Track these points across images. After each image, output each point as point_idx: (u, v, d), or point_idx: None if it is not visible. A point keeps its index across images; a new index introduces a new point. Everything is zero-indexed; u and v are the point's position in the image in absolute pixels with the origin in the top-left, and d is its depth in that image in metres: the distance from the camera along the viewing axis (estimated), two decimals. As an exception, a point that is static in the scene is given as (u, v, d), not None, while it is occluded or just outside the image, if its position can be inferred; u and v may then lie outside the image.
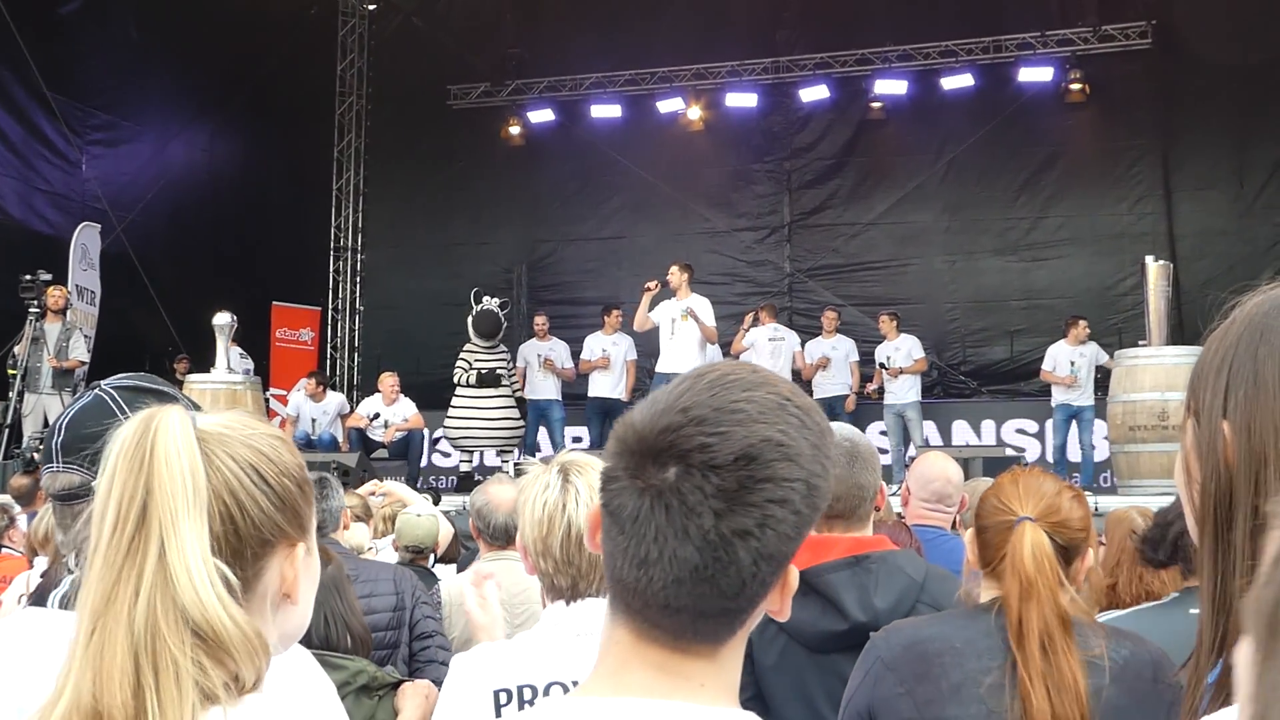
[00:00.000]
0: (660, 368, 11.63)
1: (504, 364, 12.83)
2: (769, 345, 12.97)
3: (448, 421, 12.78)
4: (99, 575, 1.15)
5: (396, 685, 2.82)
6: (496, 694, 2.24)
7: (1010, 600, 2.14)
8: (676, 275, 11.52)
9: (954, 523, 4.15)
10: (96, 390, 1.77)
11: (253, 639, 1.17)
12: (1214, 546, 1.05)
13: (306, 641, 2.69)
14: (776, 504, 1.02)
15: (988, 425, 14.00)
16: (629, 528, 1.04)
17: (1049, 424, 12.66)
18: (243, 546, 1.22)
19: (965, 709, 2.11)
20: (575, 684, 2.16)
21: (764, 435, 1.02)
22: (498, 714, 2.23)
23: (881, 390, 13.04)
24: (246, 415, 1.33)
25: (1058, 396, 12.23)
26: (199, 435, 1.21)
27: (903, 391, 12.86)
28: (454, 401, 12.74)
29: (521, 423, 12.97)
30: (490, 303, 12.63)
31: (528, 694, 2.23)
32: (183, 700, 1.11)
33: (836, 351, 13.26)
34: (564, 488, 2.26)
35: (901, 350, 12.99)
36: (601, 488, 1.08)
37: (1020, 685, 2.08)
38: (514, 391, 12.90)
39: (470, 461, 13.26)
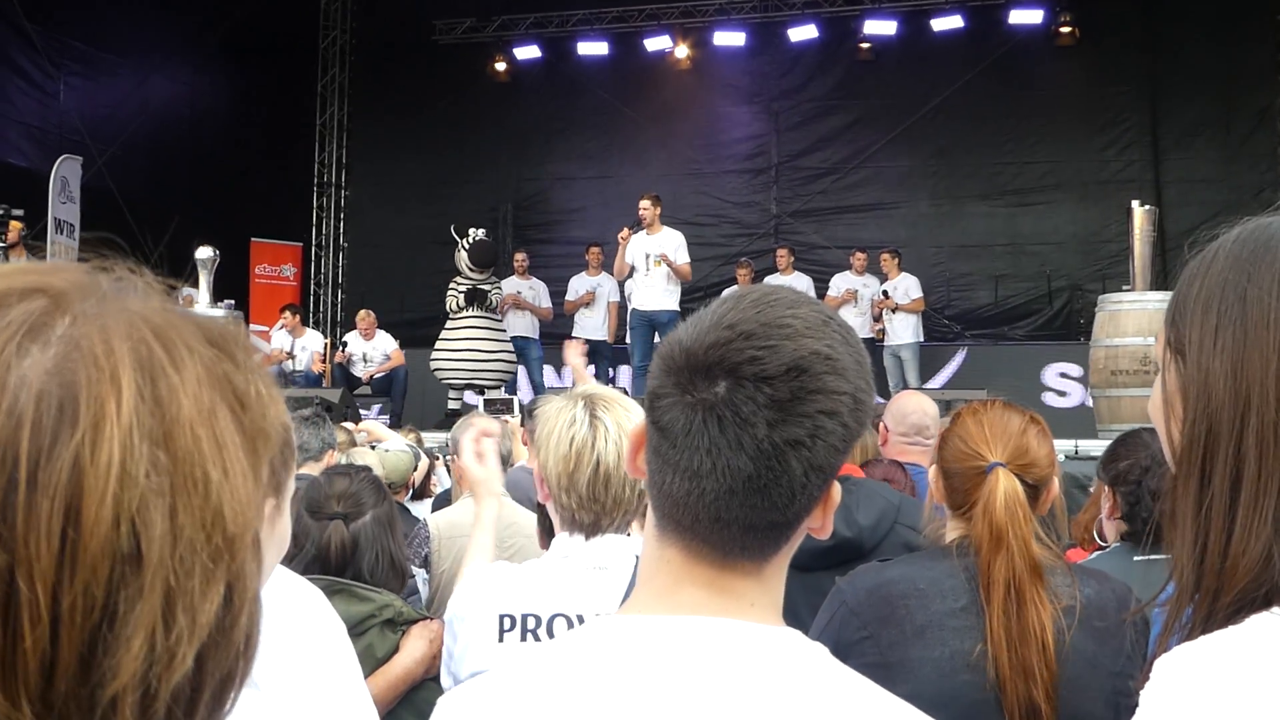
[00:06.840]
0: (635, 305, 11.34)
1: (496, 289, 12.58)
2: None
3: (435, 355, 12.37)
4: None
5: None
6: (501, 618, 2.24)
7: (981, 548, 2.12)
8: (650, 210, 11.23)
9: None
10: None
11: None
12: (1199, 486, 1.04)
13: (355, 574, 2.74)
14: (826, 415, 1.03)
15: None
16: (681, 440, 1.04)
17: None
18: None
19: (929, 650, 2.10)
20: (581, 618, 2.17)
21: (812, 349, 1.03)
22: (500, 639, 2.23)
23: (884, 331, 12.91)
24: None
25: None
26: None
27: (901, 332, 12.81)
28: (443, 335, 12.41)
29: (515, 361, 12.63)
30: (479, 233, 12.40)
31: (531, 623, 2.22)
32: None
33: (867, 289, 13.21)
34: (592, 424, 2.18)
35: (899, 289, 12.94)
36: (649, 405, 1.09)
37: (985, 634, 2.08)
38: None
39: (460, 399, 12.58)
